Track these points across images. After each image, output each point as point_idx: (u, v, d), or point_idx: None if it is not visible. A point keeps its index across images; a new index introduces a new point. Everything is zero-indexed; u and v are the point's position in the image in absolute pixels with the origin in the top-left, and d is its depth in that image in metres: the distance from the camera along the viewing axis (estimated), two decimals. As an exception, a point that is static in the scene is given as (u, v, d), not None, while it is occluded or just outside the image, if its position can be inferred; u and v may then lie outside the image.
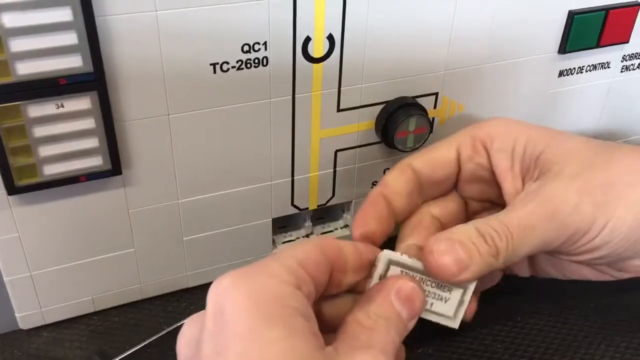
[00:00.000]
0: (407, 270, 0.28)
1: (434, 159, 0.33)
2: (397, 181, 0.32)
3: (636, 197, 0.29)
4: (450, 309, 0.29)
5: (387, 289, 0.27)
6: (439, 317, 0.29)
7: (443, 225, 0.33)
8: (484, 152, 0.32)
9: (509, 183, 0.32)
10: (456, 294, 0.28)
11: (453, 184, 0.34)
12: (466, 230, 0.28)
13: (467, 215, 0.35)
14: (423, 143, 0.38)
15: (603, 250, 0.29)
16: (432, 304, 0.28)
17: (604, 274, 0.33)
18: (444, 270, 0.27)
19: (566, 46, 0.39)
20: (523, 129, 0.32)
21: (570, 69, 0.41)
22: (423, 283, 0.28)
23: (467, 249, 0.27)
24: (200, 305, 0.38)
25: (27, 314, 0.36)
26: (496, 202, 0.33)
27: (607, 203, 0.29)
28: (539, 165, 0.31)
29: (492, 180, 0.33)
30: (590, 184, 0.29)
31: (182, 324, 0.36)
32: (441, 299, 0.28)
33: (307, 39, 0.33)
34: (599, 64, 0.42)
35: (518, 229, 0.28)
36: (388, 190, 0.32)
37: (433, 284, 0.28)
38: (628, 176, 0.30)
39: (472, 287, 0.28)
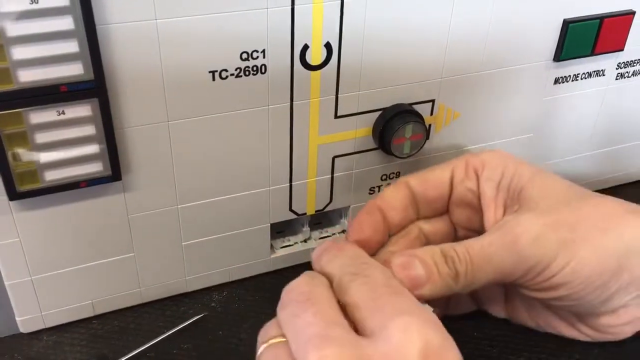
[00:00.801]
0: None
1: (429, 179, 0.34)
2: (393, 196, 0.34)
3: (605, 242, 0.29)
4: None
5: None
6: None
7: (429, 242, 0.34)
8: (474, 177, 0.34)
9: (490, 212, 0.33)
10: None
11: (446, 205, 0.35)
12: (430, 250, 0.30)
13: (455, 240, 0.35)
14: (419, 149, 0.38)
15: (564, 289, 0.30)
16: None
17: (578, 331, 0.34)
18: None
19: (561, 54, 0.40)
20: (513, 163, 0.33)
21: (565, 76, 0.41)
22: None
23: (427, 266, 0.29)
24: (199, 310, 0.39)
25: (28, 318, 0.36)
26: (481, 233, 0.34)
27: (572, 241, 0.29)
28: (520, 200, 0.31)
29: (479, 207, 0.34)
30: (558, 220, 0.30)
31: (180, 328, 0.37)
32: None
33: (305, 47, 0.33)
34: (594, 71, 0.42)
35: (478, 256, 0.29)
36: (385, 204, 0.33)
37: None
38: (601, 221, 0.30)
39: (427, 308, 0.28)
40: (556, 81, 0.41)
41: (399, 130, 0.37)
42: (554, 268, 0.29)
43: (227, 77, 0.32)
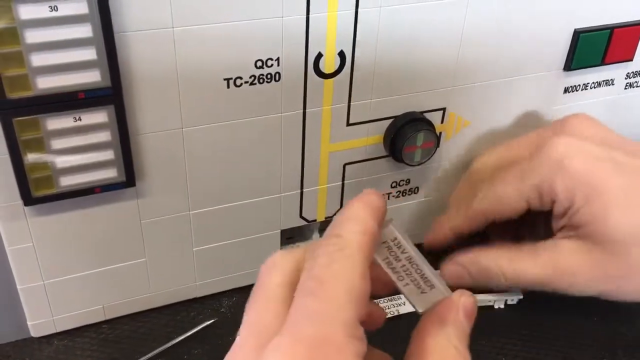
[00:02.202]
0: (395, 250, 0.27)
1: (503, 210, 0.35)
2: (465, 225, 0.36)
3: None
4: (421, 303, 0.27)
5: (455, 307, 0.25)
6: (408, 298, 0.27)
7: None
8: (549, 205, 0.34)
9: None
10: (434, 295, 0.27)
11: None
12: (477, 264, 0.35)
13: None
14: (430, 157, 0.39)
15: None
16: (407, 284, 0.27)
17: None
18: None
19: (571, 64, 0.40)
20: (584, 188, 0.32)
21: (575, 85, 0.42)
22: (411, 264, 0.27)
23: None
24: (209, 315, 0.39)
25: (39, 322, 0.36)
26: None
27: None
28: (578, 229, 0.33)
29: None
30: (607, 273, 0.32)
31: (190, 334, 0.37)
32: (419, 288, 0.27)
33: (319, 55, 0.33)
34: (604, 81, 0.42)
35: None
36: (456, 230, 0.37)
37: (418, 271, 0.27)
38: None
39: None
40: (566, 90, 0.42)
41: (410, 138, 0.37)
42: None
43: (241, 84, 0.33)
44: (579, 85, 0.42)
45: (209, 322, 0.38)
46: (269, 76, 0.33)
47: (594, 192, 0.31)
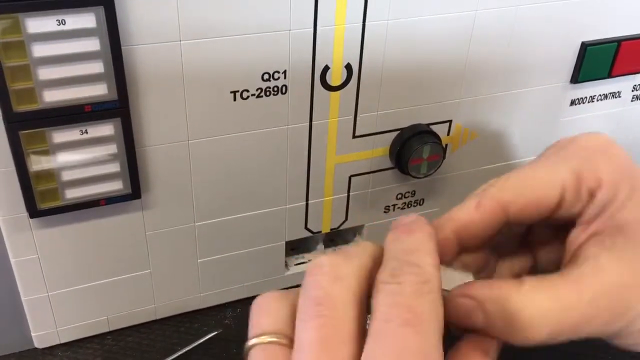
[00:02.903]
0: None
1: (531, 199, 0.25)
2: (479, 221, 0.26)
3: None
4: None
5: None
6: None
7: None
8: (586, 200, 0.25)
9: (577, 232, 0.26)
10: None
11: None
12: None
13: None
14: (436, 170, 0.38)
15: None
16: None
17: None
18: None
19: (578, 76, 0.40)
20: (629, 181, 0.25)
21: (582, 98, 0.42)
22: None
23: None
24: (213, 326, 0.39)
25: (43, 334, 0.36)
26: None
27: None
28: (615, 235, 0.25)
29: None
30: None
31: (194, 345, 0.37)
32: None
33: (326, 68, 0.33)
34: (610, 93, 0.42)
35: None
36: (464, 231, 0.26)
37: None
38: None
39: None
40: (572, 102, 0.42)
41: (416, 150, 0.37)
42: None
43: (248, 97, 0.33)
44: (586, 97, 0.42)
45: (213, 334, 0.38)
46: (275, 89, 0.33)
47: (637, 184, 0.25)
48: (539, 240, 0.28)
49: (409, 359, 0.19)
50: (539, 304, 0.23)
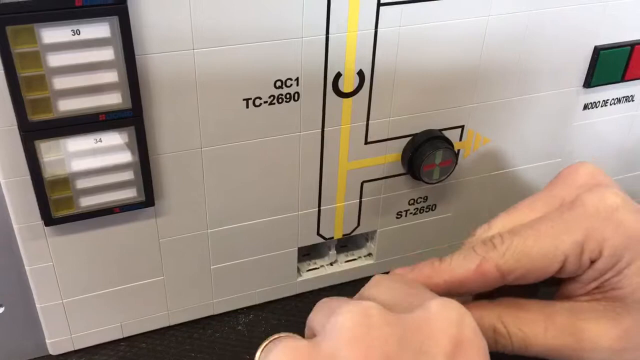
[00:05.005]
0: None
1: (533, 268, 0.27)
2: (475, 282, 0.27)
3: None
4: None
5: None
6: None
7: None
8: (586, 266, 0.27)
9: (575, 286, 0.28)
10: None
11: None
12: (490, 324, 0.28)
13: None
14: (448, 175, 0.38)
15: None
16: None
17: None
18: None
19: (591, 81, 0.39)
20: (633, 247, 0.27)
21: (594, 102, 0.41)
22: None
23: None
24: (225, 332, 0.39)
25: (58, 340, 0.36)
26: None
27: None
28: (612, 296, 0.27)
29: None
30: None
31: (206, 350, 0.37)
32: None
33: (338, 75, 0.33)
34: (624, 97, 0.42)
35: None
36: (460, 288, 0.28)
37: None
38: None
39: None
40: (585, 107, 0.41)
41: (429, 156, 0.37)
42: None
43: (260, 104, 0.33)
44: (599, 101, 0.41)
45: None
46: (288, 96, 0.33)
47: None
48: None
49: None
50: (505, 321, 0.27)
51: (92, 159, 0.30)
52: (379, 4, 0.32)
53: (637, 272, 0.26)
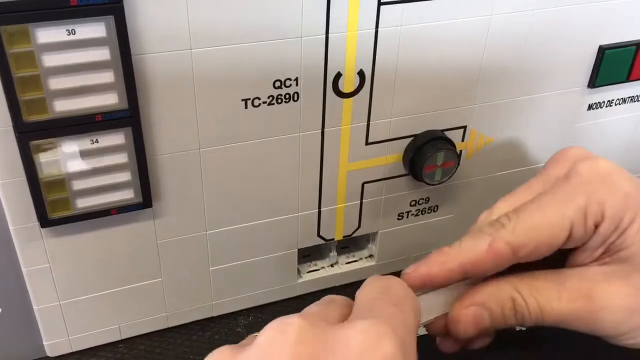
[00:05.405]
0: None
1: (542, 240, 0.27)
2: (487, 262, 0.28)
3: None
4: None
5: None
6: None
7: None
8: (591, 232, 0.28)
9: (583, 256, 0.29)
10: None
11: None
12: (501, 300, 0.28)
13: None
14: (450, 176, 0.38)
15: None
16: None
17: None
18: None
19: (596, 81, 0.39)
20: (634, 207, 0.27)
21: (599, 102, 0.41)
22: None
23: (495, 318, 0.28)
24: (225, 334, 0.39)
25: (55, 342, 0.36)
26: None
27: None
28: (620, 256, 0.28)
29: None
30: None
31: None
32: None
33: (338, 75, 0.33)
34: (629, 97, 0.41)
35: (551, 317, 0.28)
36: (473, 268, 0.28)
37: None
38: None
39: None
40: (590, 107, 0.41)
41: (430, 157, 0.36)
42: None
43: (259, 104, 0.32)
44: (604, 102, 0.41)
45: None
46: (287, 96, 0.33)
47: None
48: None
49: None
50: (521, 291, 0.28)
51: (88, 159, 0.30)
52: (380, 3, 0.31)
53: (639, 229, 0.27)
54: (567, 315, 0.27)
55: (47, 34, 0.26)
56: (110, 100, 0.29)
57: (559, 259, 0.29)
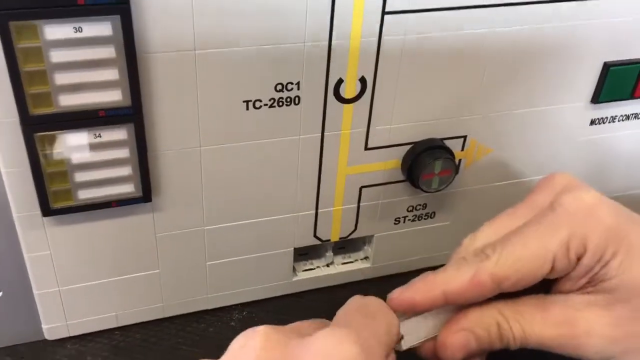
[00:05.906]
0: None
1: (524, 274, 0.28)
2: (469, 292, 0.28)
3: None
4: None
5: None
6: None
7: None
8: (574, 264, 0.29)
9: (566, 284, 0.29)
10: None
11: None
12: (487, 324, 0.29)
13: None
14: (447, 185, 0.38)
15: None
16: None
17: None
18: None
19: (599, 97, 0.39)
20: (615, 242, 0.28)
21: (602, 118, 0.41)
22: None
23: (480, 342, 0.29)
24: (219, 327, 0.39)
25: (53, 326, 0.37)
26: None
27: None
28: (601, 287, 0.28)
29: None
30: (631, 332, 0.28)
31: (198, 345, 0.38)
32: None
33: (340, 81, 0.33)
34: (632, 114, 0.41)
35: (534, 342, 0.29)
36: (456, 297, 0.29)
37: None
38: None
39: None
40: (592, 122, 0.41)
41: (428, 165, 0.37)
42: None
43: (260, 107, 0.33)
44: (607, 117, 0.41)
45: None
46: (288, 99, 0.33)
47: (622, 243, 0.28)
48: None
49: None
50: (505, 316, 0.29)
51: (91, 153, 0.31)
52: (384, 12, 0.32)
53: (622, 262, 0.28)
54: (551, 340, 0.28)
55: (54, 30, 0.27)
56: (114, 97, 0.29)
57: (545, 284, 0.30)
